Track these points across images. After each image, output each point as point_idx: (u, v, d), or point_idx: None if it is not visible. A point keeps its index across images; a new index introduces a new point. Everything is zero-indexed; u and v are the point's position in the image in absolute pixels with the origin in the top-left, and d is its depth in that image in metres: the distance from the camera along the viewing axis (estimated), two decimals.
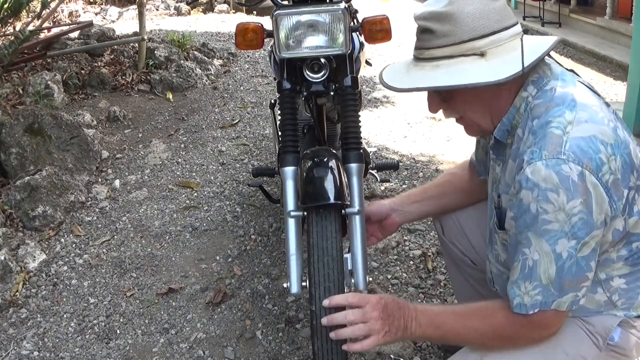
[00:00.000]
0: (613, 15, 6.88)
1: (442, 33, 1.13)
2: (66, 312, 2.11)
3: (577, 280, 1.09)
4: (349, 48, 1.56)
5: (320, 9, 1.56)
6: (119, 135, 3.72)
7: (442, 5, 1.15)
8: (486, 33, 1.12)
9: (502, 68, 1.10)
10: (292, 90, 1.72)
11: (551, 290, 1.09)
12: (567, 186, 1.04)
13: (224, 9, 9.16)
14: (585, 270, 1.09)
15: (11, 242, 2.46)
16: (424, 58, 1.18)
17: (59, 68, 4.26)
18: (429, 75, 1.15)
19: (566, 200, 1.04)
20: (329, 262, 1.38)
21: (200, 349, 1.90)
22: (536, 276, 1.09)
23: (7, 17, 4.49)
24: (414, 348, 1.86)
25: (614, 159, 1.07)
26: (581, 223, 1.05)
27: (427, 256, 2.36)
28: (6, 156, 2.88)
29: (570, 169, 1.04)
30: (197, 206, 2.86)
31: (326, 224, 1.42)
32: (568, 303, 1.10)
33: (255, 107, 4.34)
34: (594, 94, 1.17)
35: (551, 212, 1.05)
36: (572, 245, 1.06)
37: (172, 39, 5.40)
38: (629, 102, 3.73)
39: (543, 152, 1.06)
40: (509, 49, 1.13)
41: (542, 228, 1.07)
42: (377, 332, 1.19)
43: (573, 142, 1.05)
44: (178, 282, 2.26)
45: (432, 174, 3.15)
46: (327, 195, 1.44)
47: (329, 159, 1.53)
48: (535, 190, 1.06)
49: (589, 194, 1.04)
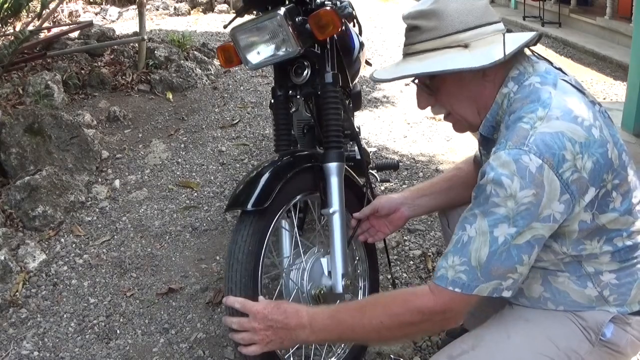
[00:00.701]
0: (613, 15, 6.88)
1: (427, 28, 1.20)
2: (66, 312, 2.11)
3: (505, 270, 1.09)
4: (300, 47, 1.60)
5: (261, 18, 1.62)
6: (119, 135, 3.72)
7: (428, 4, 1.22)
8: (469, 27, 1.18)
9: (485, 56, 1.15)
10: (284, 95, 1.81)
11: (478, 274, 1.09)
12: (523, 175, 1.06)
13: (224, 9, 9.17)
14: (515, 262, 1.09)
15: (11, 242, 2.46)
16: (410, 53, 1.24)
17: (59, 68, 4.26)
18: (414, 65, 1.21)
19: (519, 189, 1.06)
20: (234, 265, 1.42)
21: (200, 349, 1.90)
22: (466, 252, 1.10)
23: (7, 17, 4.49)
24: (413, 348, 1.86)
25: (581, 157, 1.08)
26: (526, 213, 1.06)
27: (427, 256, 2.36)
28: (6, 156, 2.88)
29: (530, 159, 1.06)
30: (197, 206, 2.86)
31: (240, 227, 1.45)
32: (489, 290, 1.10)
33: (255, 107, 4.34)
34: (579, 92, 1.18)
35: (502, 197, 1.07)
36: (510, 232, 1.07)
37: (172, 39, 5.41)
38: (629, 102, 3.73)
39: (508, 143, 1.10)
40: (491, 41, 1.18)
41: (489, 209, 1.09)
42: (259, 341, 1.24)
43: (539, 136, 1.08)
44: (178, 282, 2.26)
45: (432, 174, 3.15)
46: (242, 201, 1.46)
47: (284, 163, 1.56)
48: (491, 174, 1.08)
49: (543, 188, 1.06)
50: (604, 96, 4.84)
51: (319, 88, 1.71)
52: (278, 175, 1.51)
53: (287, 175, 1.52)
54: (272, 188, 1.47)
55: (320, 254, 1.63)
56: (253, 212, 1.46)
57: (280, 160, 1.59)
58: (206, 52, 5.44)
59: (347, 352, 1.71)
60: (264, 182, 1.48)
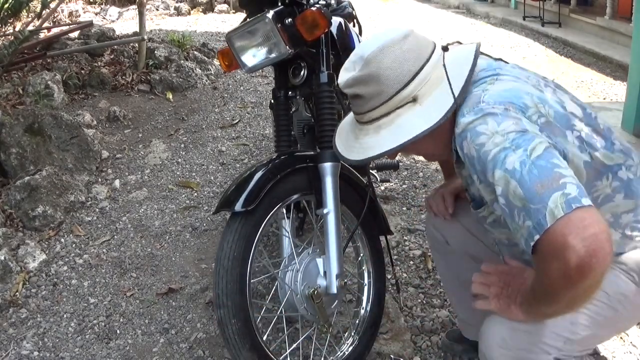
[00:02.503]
0: (613, 15, 6.88)
1: (370, 95, 1.17)
2: (66, 312, 2.11)
3: (549, 180, 0.96)
4: (290, 48, 1.61)
5: (252, 21, 1.64)
6: (119, 135, 3.72)
7: (359, 67, 1.17)
8: (409, 78, 1.15)
9: (437, 107, 1.13)
10: (284, 96, 1.83)
11: (531, 207, 0.96)
12: (494, 115, 1.04)
13: (224, 9, 9.16)
14: (551, 168, 0.97)
15: (11, 242, 2.46)
16: (364, 122, 1.22)
17: (59, 68, 4.25)
18: (375, 141, 1.19)
19: (497, 124, 1.03)
20: (220, 271, 1.44)
21: (200, 349, 1.90)
22: (512, 208, 1.00)
23: (7, 17, 4.49)
24: (414, 348, 1.86)
25: (542, 106, 1.07)
26: (519, 135, 1.01)
27: (427, 256, 2.36)
28: (6, 156, 2.87)
29: (493, 107, 1.05)
30: (197, 206, 2.86)
31: (226, 232, 1.47)
32: (560, 204, 0.93)
33: (255, 107, 4.34)
34: (528, 71, 1.20)
35: (487, 142, 1.04)
36: (520, 154, 0.99)
37: (172, 39, 5.40)
38: (629, 102, 3.72)
39: (464, 111, 1.09)
40: (436, 81, 1.16)
41: (487, 161, 1.03)
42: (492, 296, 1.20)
43: (492, 93, 1.08)
44: (178, 282, 2.26)
45: (432, 174, 3.15)
46: (232, 202, 1.47)
47: (277, 163, 1.58)
48: (467, 136, 1.06)
49: (519, 119, 1.03)
50: (604, 96, 4.83)
51: (315, 88, 1.71)
52: (269, 176, 1.51)
53: (278, 176, 1.52)
54: (262, 189, 1.48)
55: (316, 254, 1.63)
56: (242, 214, 1.45)
57: (274, 160, 1.60)
58: (206, 52, 5.43)
59: (347, 353, 1.71)
60: (254, 182, 1.49)
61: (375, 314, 1.78)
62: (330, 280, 1.54)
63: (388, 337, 1.89)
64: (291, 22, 1.63)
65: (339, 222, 1.57)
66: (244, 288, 1.44)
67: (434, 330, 1.93)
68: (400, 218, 2.69)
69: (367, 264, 1.81)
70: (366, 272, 1.81)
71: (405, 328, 1.94)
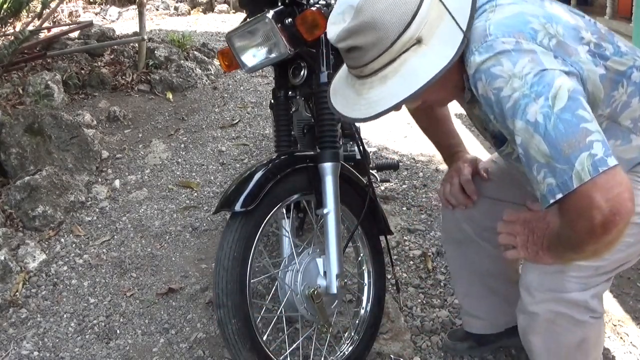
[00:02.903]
0: (613, 15, 6.88)
1: (369, 45, 1.06)
2: (66, 312, 2.11)
3: (576, 138, 0.96)
4: (290, 48, 1.62)
5: (252, 21, 1.64)
6: (119, 135, 3.72)
7: (351, 17, 1.07)
8: (409, 19, 1.04)
9: (446, 45, 1.05)
10: (285, 96, 1.83)
11: (557, 166, 0.96)
12: (507, 53, 1.00)
13: (224, 9, 9.17)
14: (577, 123, 0.96)
15: (11, 242, 2.46)
16: (365, 75, 1.11)
17: (59, 68, 4.25)
18: (384, 92, 1.09)
19: (512, 65, 0.99)
20: (220, 271, 1.44)
21: (200, 349, 1.90)
22: (532, 162, 1.00)
23: (7, 17, 4.49)
24: (414, 348, 1.85)
25: (551, 25, 1.04)
26: (538, 79, 0.98)
27: (427, 256, 2.36)
28: (6, 156, 2.87)
29: (503, 42, 1.01)
30: (197, 206, 2.86)
31: (227, 232, 1.47)
32: (587, 166, 0.95)
33: (255, 107, 4.34)
34: None
35: (505, 86, 1.00)
36: (541, 104, 0.97)
37: (172, 39, 5.40)
38: None
39: (472, 47, 1.04)
40: (437, 19, 1.07)
41: (506, 108, 1.00)
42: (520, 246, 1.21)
43: (497, 22, 1.04)
44: (178, 282, 2.26)
45: (432, 174, 3.15)
46: (231, 202, 1.47)
47: (277, 163, 1.58)
48: (481, 77, 1.02)
49: (534, 52, 1.00)
50: None
51: (315, 88, 1.71)
52: (269, 176, 1.51)
53: (278, 176, 1.52)
54: (262, 189, 1.48)
55: (316, 254, 1.63)
56: (241, 214, 1.46)
57: (274, 160, 1.60)
58: (206, 52, 5.44)
59: (347, 353, 1.71)
60: (254, 182, 1.49)
61: (375, 314, 1.78)
62: (330, 280, 1.55)
63: (388, 337, 1.89)
64: (291, 22, 1.63)
65: (339, 222, 1.57)
66: (244, 288, 1.45)
67: (434, 330, 1.93)
68: (400, 218, 2.69)
69: (367, 264, 1.81)
70: (366, 272, 1.81)
71: (405, 328, 1.94)
